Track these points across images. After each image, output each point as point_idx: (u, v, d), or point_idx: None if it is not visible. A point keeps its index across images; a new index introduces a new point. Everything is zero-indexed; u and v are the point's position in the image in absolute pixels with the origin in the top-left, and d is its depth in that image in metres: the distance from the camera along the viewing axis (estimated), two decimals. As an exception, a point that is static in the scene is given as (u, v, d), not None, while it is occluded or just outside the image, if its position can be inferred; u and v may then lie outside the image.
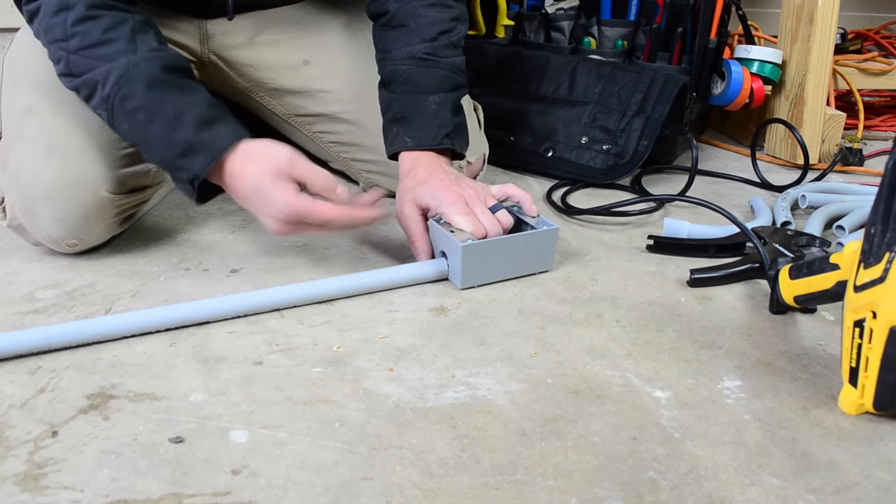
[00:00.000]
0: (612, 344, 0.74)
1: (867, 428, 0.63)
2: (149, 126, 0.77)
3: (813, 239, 0.91)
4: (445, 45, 0.92)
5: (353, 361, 0.70)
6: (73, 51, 0.77)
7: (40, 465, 0.56)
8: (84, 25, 0.77)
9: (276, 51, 1.02)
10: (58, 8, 0.77)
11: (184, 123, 0.76)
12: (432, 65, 0.90)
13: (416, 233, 0.85)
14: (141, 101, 0.76)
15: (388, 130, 0.91)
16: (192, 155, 0.76)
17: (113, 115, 0.78)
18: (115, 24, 0.78)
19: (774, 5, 1.85)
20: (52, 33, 0.78)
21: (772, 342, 0.76)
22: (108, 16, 0.78)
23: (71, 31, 0.77)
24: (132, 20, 0.79)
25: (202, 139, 0.76)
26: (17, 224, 0.86)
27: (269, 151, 0.77)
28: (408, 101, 0.89)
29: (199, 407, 0.63)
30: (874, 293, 0.62)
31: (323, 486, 0.55)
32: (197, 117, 0.76)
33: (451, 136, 0.89)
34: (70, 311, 0.77)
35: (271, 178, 0.76)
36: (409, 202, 0.85)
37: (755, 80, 1.30)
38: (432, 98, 0.89)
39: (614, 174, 1.15)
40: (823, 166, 1.31)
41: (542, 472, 0.57)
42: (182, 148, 0.76)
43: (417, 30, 0.91)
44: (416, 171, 0.86)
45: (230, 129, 0.78)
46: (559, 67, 1.24)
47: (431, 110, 0.88)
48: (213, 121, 0.78)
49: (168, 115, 0.76)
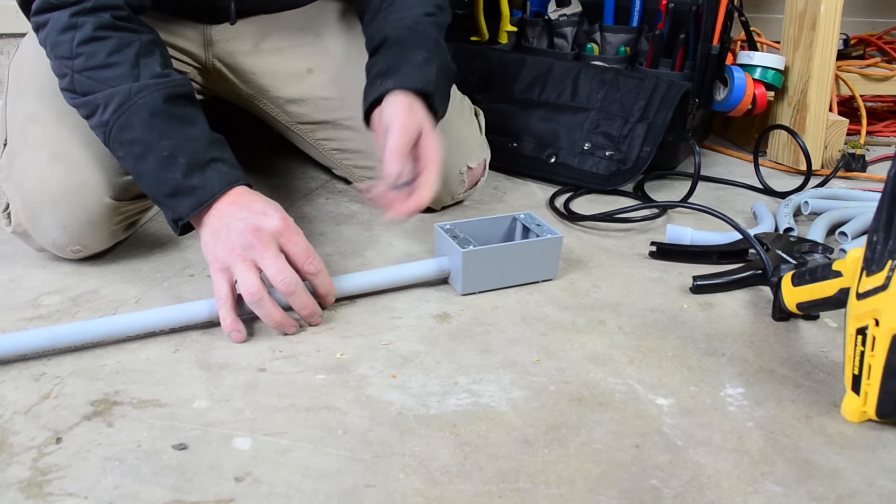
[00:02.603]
0: (614, 351, 0.74)
1: (870, 436, 0.63)
2: (143, 160, 0.76)
3: (816, 245, 0.91)
4: (431, 23, 0.94)
5: (356, 368, 0.70)
6: (77, 70, 0.77)
7: (44, 471, 0.56)
8: (90, 46, 0.76)
9: (280, 59, 1.03)
10: (66, 26, 0.76)
11: (177, 163, 0.75)
12: (419, 33, 0.91)
13: (397, 144, 0.82)
14: (138, 133, 0.75)
15: (370, 85, 0.89)
16: (179, 197, 0.75)
17: (109, 141, 0.77)
18: (121, 47, 0.77)
19: (777, 11, 1.85)
20: (59, 50, 0.77)
21: (774, 349, 0.76)
22: (114, 37, 0.77)
23: (77, 50, 0.76)
24: (139, 42, 0.78)
25: (192, 183, 0.75)
26: (21, 230, 0.86)
27: (266, 210, 0.75)
28: (395, 55, 0.89)
29: (202, 413, 0.63)
30: (877, 301, 0.62)
31: (326, 494, 0.55)
32: (191, 158, 0.75)
33: (434, 87, 0.87)
34: (74, 318, 0.77)
35: (258, 238, 0.73)
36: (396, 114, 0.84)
37: (758, 86, 1.30)
38: (419, 52, 0.89)
39: (617, 180, 1.15)
40: (826, 172, 1.31)
41: (544, 480, 0.57)
42: (171, 188, 0.75)
43: (406, 7, 0.93)
44: (399, 104, 0.85)
45: (224, 174, 0.76)
46: (562, 73, 1.25)
47: (418, 62, 0.88)
48: (207, 163, 0.76)
49: (163, 152, 0.75)
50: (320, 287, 0.77)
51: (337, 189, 1.15)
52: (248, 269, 0.73)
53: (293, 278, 0.73)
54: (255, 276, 0.73)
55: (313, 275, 0.76)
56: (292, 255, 0.75)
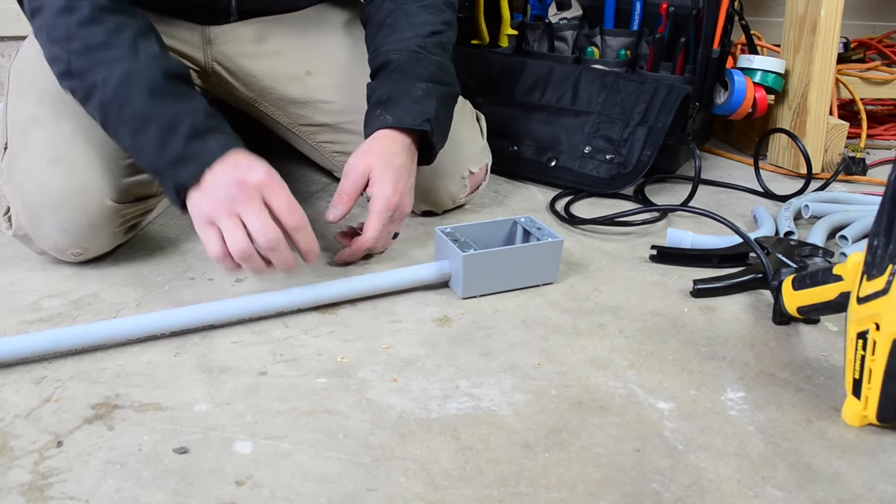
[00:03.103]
0: (615, 355, 0.74)
1: (871, 440, 0.63)
2: (144, 132, 0.77)
3: (816, 249, 0.91)
4: (435, 43, 0.94)
5: (356, 372, 0.70)
6: (75, 52, 0.77)
7: (45, 475, 0.56)
8: (88, 28, 0.77)
9: (279, 61, 1.03)
10: (62, 9, 0.77)
11: (178, 133, 0.76)
12: (423, 58, 0.91)
13: (345, 189, 0.86)
14: (139, 107, 0.76)
15: (371, 113, 0.91)
16: (181, 164, 0.76)
17: (108, 119, 0.78)
18: (119, 29, 0.78)
19: (777, 15, 1.85)
20: (55, 32, 0.78)
21: (775, 353, 0.76)
22: (111, 20, 0.78)
23: (74, 32, 0.77)
24: (136, 25, 0.80)
25: (194, 150, 0.76)
26: (22, 233, 0.86)
27: (252, 164, 0.77)
28: (395, 84, 0.90)
29: (203, 417, 0.63)
30: (877, 305, 0.62)
31: (327, 498, 0.55)
32: (191, 127, 0.76)
33: (432, 123, 0.89)
34: (75, 321, 0.77)
35: (242, 190, 0.75)
36: (363, 158, 0.86)
37: (758, 90, 1.30)
38: (420, 85, 0.90)
39: (617, 184, 1.16)
40: (826, 176, 1.31)
41: (545, 484, 0.57)
42: (174, 156, 0.76)
43: (410, 26, 0.93)
44: (385, 146, 0.87)
45: (222, 140, 0.78)
46: (562, 77, 1.25)
47: (418, 95, 0.89)
48: (206, 131, 0.77)
49: (164, 123, 0.76)
50: (302, 243, 0.78)
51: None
52: (234, 224, 0.74)
53: (275, 234, 0.75)
54: (242, 232, 0.74)
55: (295, 229, 0.77)
56: (275, 207, 0.76)
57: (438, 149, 0.93)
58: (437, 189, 1.03)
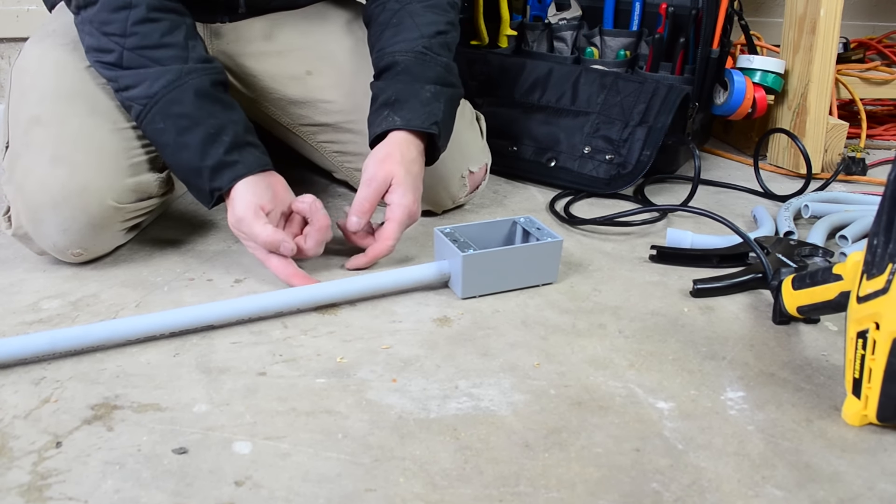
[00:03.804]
0: (614, 355, 0.74)
1: (871, 439, 0.63)
2: (188, 133, 0.82)
3: (816, 249, 0.91)
4: (441, 44, 0.94)
5: (356, 372, 0.70)
6: (130, 48, 0.82)
7: (44, 475, 0.56)
8: (144, 27, 0.82)
9: (281, 61, 1.03)
10: (120, 5, 0.82)
11: (221, 140, 0.82)
12: (429, 60, 0.92)
13: (368, 197, 0.87)
14: (188, 109, 0.82)
15: (378, 114, 0.91)
16: (221, 170, 0.82)
17: (150, 112, 0.83)
18: (173, 29, 0.84)
19: (777, 15, 1.85)
20: (110, 27, 0.82)
21: (775, 353, 0.76)
22: (167, 19, 0.84)
23: (131, 29, 0.82)
24: (186, 25, 0.86)
25: (234, 158, 0.83)
26: (22, 233, 0.86)
27: (274, 187, 0.86)
28: (403, 86, 0.90)
29: (202, 418, 0.63)
30: (877, 304, 0.62)
31: (326, 498, 0.55)
32: (234, 136, 0.83)
33: (440, 126, 0.90)
34: (74, 322, 0.77)
35: (253, 212, 0.82)
36: (382, 165, 0.87)
37: (758, 90, 1.30)
38: (428, 87, 0.90)
39: (617, 184, 1.16)
40: (826, 176, 1.30)
41: (545, 484, 0.57)
42: (215, 161, 0.82)
43: (415, 27, 0.94)
44: (404, 151, 0.88)
45: (259, 156, 0.85)
46: (562, 77, 1.25)
47: (426, 97, 0.90)
48: (246, 144, 0.84)
49: (210, 127, 0.82)
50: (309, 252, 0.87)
51: (337, 193, 1.15)
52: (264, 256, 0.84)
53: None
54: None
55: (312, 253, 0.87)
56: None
57: (442, 151, 0.94)
58: (437, 189, 1.03)
